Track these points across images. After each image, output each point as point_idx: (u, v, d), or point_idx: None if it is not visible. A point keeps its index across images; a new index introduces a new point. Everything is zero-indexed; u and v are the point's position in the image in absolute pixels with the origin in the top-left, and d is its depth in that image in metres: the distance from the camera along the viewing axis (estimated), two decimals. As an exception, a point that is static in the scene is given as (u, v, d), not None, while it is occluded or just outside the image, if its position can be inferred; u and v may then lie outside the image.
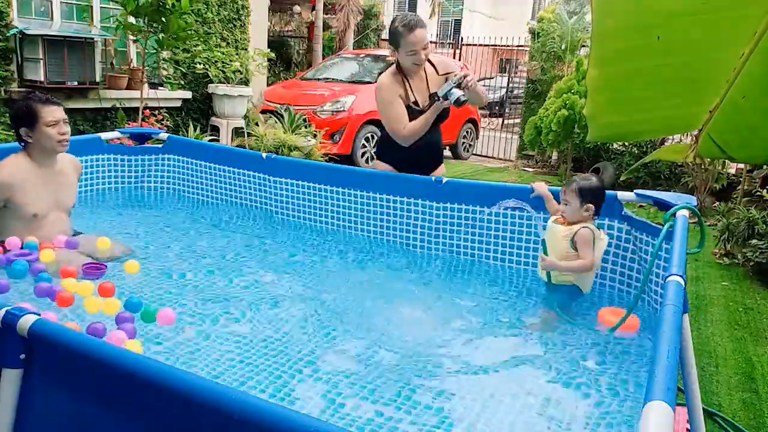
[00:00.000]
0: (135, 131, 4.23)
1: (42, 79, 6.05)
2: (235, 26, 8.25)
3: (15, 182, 2.75)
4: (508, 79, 15.35)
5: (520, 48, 13.15)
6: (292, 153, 7.08)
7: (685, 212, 2.48)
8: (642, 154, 8.64)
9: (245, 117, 8.00)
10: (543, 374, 2.22)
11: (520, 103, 12.35)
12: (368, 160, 8.50)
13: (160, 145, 4.16)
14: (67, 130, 2.86)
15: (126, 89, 6.88)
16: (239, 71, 8.05)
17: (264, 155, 3.80)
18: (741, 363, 3.45)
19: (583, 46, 10.03)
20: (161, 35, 6.09)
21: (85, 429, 1.42)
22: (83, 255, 2.83)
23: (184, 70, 7.68)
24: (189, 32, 6.41)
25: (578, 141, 8.70)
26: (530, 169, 10.22)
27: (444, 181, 3.28)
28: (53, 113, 2.79)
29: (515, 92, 15.04)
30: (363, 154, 8.65)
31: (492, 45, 14.29)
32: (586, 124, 1.48)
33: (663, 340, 1.31)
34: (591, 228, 2.66)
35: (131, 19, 5.96)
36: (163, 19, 5.90)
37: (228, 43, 8.18)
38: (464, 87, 3.05)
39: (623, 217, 2.91)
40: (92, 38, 6.47)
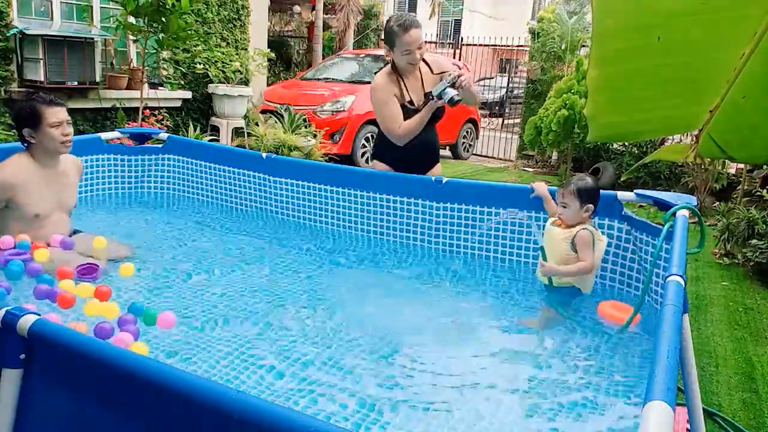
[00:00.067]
0: (135, 131, 4.23)
1: (42, 79, 6.05)
2: (235, 26, 8.24)
3: (18, 182, 2.75)
4: (508, 79, 15.36)
5: (520, 48, 13.15)
6: (292, 153, 7.08)
7: (685, 212, 2.48)
8: (642, 154, 8.64)
9: (245, 117, 8.00)
10: (542, 373, 2.22)
11: (520, 103, 12.35)
12: (368, 160, 8.48)
13: (160, 145, 4.16)
14: (70, 131, 2.86)
15: (126, 89, 6.88)
16: (239, 71, 8.05)
17: (264, 155, 3.80)
18: (741, 363, 3.45)
19: (583, 46, 10.03)
20: (161, 35, 6.09)
21: (85, 429, 1.42)
22: (81, 255, 2.82)
23: (184, 70, 7.68)
24: (189, 32, 6.41)
25: (578, 141, 8.70)
26: (530, 169, 10.22)
27: (444, 181, 3.28)
28: (57, 114, 2.79)
29: (515, 92, 15.05)
30: (363, 154, 8.64)
31: (492, 45, 14.30)
32: (586, 124, 1.48)
33: (663, 340, 1.31)
34: (590, 229, 2.65)
35: (131, 19, 5.96)
36: (163, 19, 5.90)
37: (228, 43, 8.18)
38: (458, 86, 3.07)
39: (623, 217, 2.91)
40: (92, 38, 6.47)
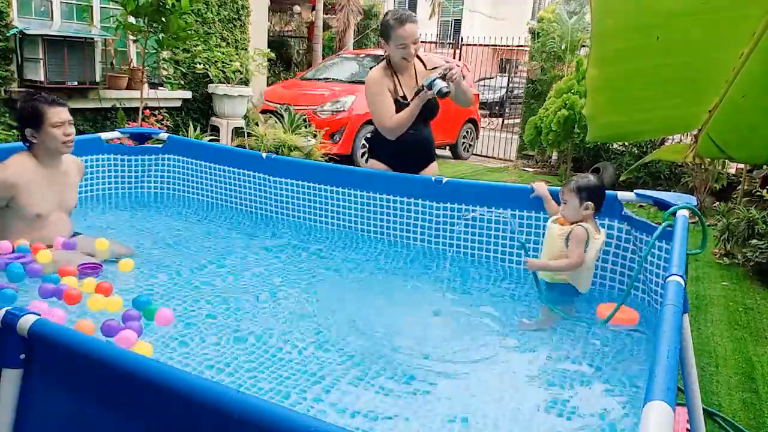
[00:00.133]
0: (135, 131, 4.23)
1: (42, 79, 6.05)
2: (235, 26, 8.24)
3: (20, 182, 2.75)
4: (508, 79, 15.37)
5: (520, 48, 13.15)
6: (292, 153, 7.08)
7: (685, 212, 2.48)
8: (642, 154, 8.64)
9: (245, 117, 8.00)
10: (542, 373, 2.22)
11: (520, 103, 12.35)
12: (368, 160, 8.48)
13: (160, 145, 4.16)
14: (72, 131, 2.87)
15: (126, 89, 6.87)
16: (239, 71, 8.05)
17: (264, 155, 3.80)
18: (741, 363, 3.45)
19: (583, 46, 10.02)
20: (161, 35, 6.09)
21: (85, 429, 1.42)
22: (83, 255, 2.82)
23: (184, 70, 7.68)
24: (189, 32, 6.41)
25: (578, 141, 8.69)
26: (530, 169, 10.22)
27: (444, 181, 3.28)
28: (59, 114, 2.79)
29: (515, 92, 15.05)
30: (363, 154, 8.64)
31: (492, 45, 14.30)
32: (586, 124, 1.48)
33: (663, 340, 1.31)
34: (586, 227, 2.66)
35: (131, 19, 5.96)
36: (163, 19, 5.90)
37: (228, 43, 8.18)
38: (449, 79, 3.08)
39: (623, 217, 2.91)
40: (92, 38, 6.47)
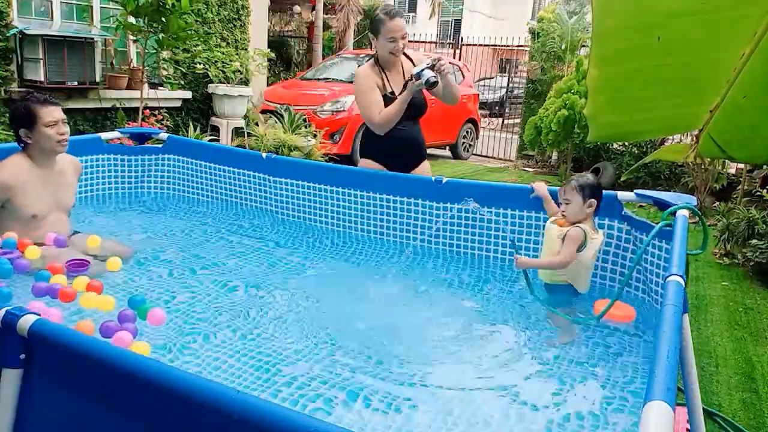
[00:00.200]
0: (135, 131, 4.23)
1: (42, 79, 6.05)
2: (235, 26, 8.24)
3: (16, 183, 2.75)
4: (508, 79, 15.37)
5: (520, 48, 13.15)
6: (292, 153, 7.08)
7: (685, 212, 2.48)
8: (642, 154, 8.64)
9: (245, 117, 8.00)
10: (542, 373, 2.22)
11: (520, 103, 12.35)
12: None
13: (160, 145, 4.16)
14: (66, 130, 2.86)
15: (126, 89, 6.87)
16: (239, 71, 8.05)
17: (264, 155, 3.80)
18: (741, 363, 3.45)
19: (583, 46, 10.03)
20: (161, 35, 6.09)
21: (85, 429, 1.42)
22: (73, 251, 2.81)
23: (184, 70, 7.68)
24: (189, 32, 6.41)
25: (578, 141, 8.70)
26: (530, 169, 10.22)
27: (444, 181, 3.28)
28: (52, 113, 2.79)
29: (515, 92, 15.05)
30: (363, 154, 8.64)
31: (492, 45, 14.30)
32: (586, 124, 1.48)
33: (663, 340, 1.31)
34: (583, 228, 2.67)
35: (131, 19, 5.96)
36: (163, 19, 5.90)
37: (228, 43, 8.18)
38: (437, 70, 3.10)
39: (623, 217, 2.91)
40: (92, 38, 6.47)
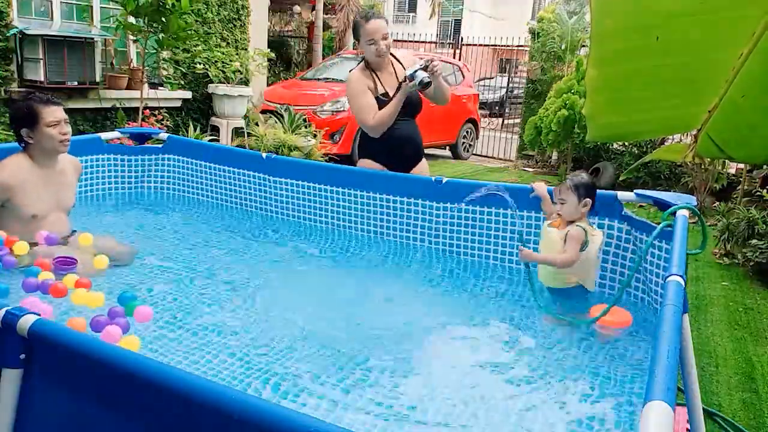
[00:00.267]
0: (135, 131, 4.23)
1: (42, 79, 6.05)
2: (235, 26, 8.24)
3: (16, 183, 2.75)
4: (508, 79, 15.37)
5: (520, 48, 13.16)
6: (292, 153, 7.08)
7: (685, 212, 2.48)
8: (642, 154, 8.64)
9: (245, 117, 8.00)
10: (541, 373, 2.22)
11: (520, 103, 12.35)
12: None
13: (160, 145, 4.16)
14: (68, 131, 2.86)
15: (126, 89, 6.87)
16: (239, 71, 8.05)
17: (264, 155, 3.80)
18: (741, 363, 3.45)
19: (583, 46, 10.03)
20: (161, 35, 6.09)
21: (85, 429, 1.42)
22: (62, 248, 2.79)
23: (184, 70, 7.68)
24: (189, 32, 6.41)
25: (578, 141, 8.70)
26: (530, 169, 10.22)
27: (444, 181, 3.28)
28: (54, 113, 2.79)
29: (515, 92, 15.06)
30: (363, 154, 8.64)
31: (492, 45, 14.31)
32: (586, 124, 1.48)
33: (663, 340, 1.31)
34: (583, 227, 2.67)
35: (131, 19, 5.96)
36: (163, 19, 5.90)
37: (228, 43, 8.18)
38: (430, 71, 3.12)
39: (623, 217, 2.91)
40: (92, 38, 6.47)
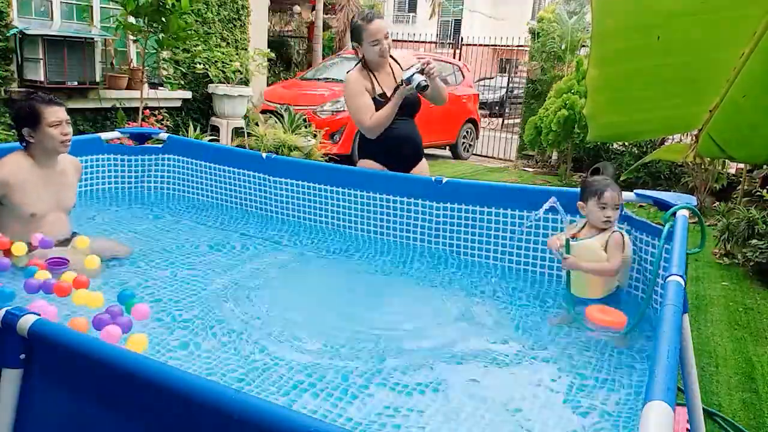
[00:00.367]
0: (135, 131, 4.23)
1: (42, 79, 6.04)
2: (235, 26, 8.24)
3: (15, 181, 2.75)
4: (508, 79, 15.38)
5: (520, 48, 13.16)
6: (292, 153, 7.08)
7: (685, 212, 2.48)
8: (642, 154, 8.64)
9: (245, 117, 8.00)
10: (542, 373, 2.22)
11: (520, 103, 12.36)
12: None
13: (160, 145, 4.16)
14: (70, 131, 2.86)
15: (126, 89, 6.87)
16: (239, 71, 8.05)
17: (264, 155, 3.80)
18: (741, 363, 3.45)
19: (583, 46, 10.03)
20: (161, 35, 6.09)
21: (85, 429, 1.42)
22: (56, 249, 2.79)
23: (184, 70, 7.68)
24: (189, 32, 6.41)
25: (578, 141, 8.70)
26: (530, 169, 10.21)
27: (444, 181, 3.28)
28: (56, 113, 2.79)
29: (515, 92, 15.06)
30: (363, 154, 8.64)
31: (492, 45, 14.31)
32: (586, 124, 1.48)
33: (663, 340, 1.31)
34: (622, 231, 2.67)
35: (131, 19, 5.96)
36: (163, 19, 5.90)
37: (228, 43, 8.18)
38: (427, 74, 3.12)
39: (623, 217, 2.90)
40: (92, 38, 6.47)
